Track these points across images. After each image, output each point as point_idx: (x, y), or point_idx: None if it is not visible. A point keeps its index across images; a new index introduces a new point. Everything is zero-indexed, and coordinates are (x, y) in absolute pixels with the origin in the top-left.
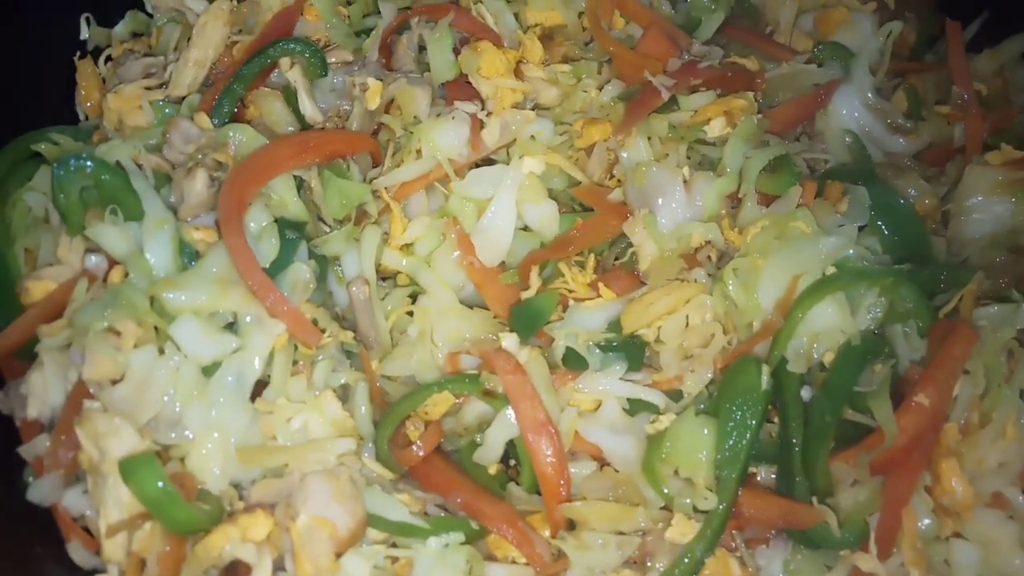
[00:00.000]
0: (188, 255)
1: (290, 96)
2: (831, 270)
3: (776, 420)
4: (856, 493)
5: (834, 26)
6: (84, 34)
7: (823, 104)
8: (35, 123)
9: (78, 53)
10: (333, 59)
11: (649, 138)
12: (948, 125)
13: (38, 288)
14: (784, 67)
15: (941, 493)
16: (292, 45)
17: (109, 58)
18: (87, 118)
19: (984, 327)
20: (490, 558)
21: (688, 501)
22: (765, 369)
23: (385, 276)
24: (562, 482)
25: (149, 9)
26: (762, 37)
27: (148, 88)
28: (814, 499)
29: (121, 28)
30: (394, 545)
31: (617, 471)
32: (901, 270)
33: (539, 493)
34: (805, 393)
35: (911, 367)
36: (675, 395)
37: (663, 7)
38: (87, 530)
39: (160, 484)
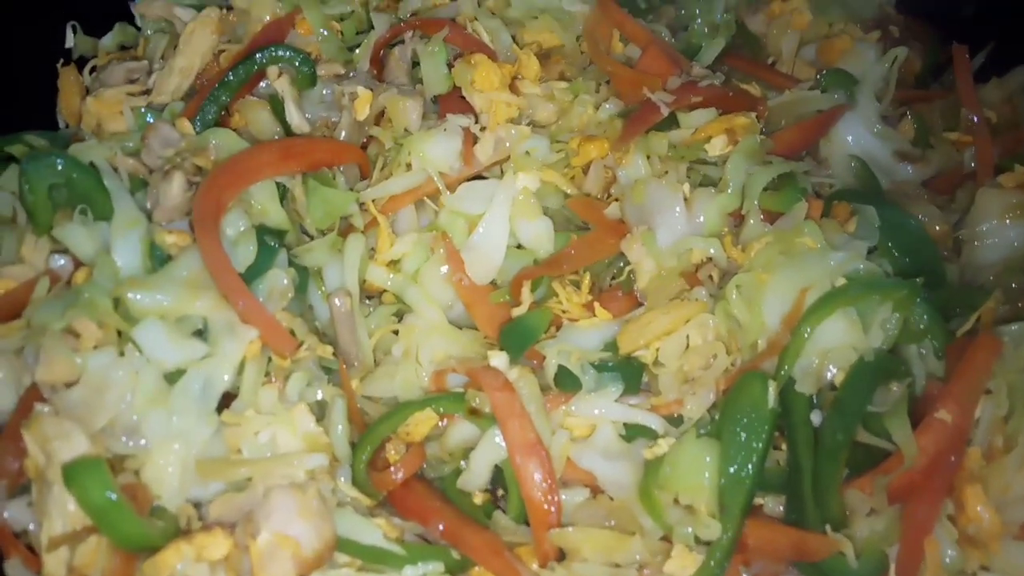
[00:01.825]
0: (160, 260)
1: (277, 106)
2: (841, 282)
3: (784, 447)
4: (873, 523)
5: (837, 54)
6: (69, 42)
7: (827, 128)
8: (14, 130)
9: (61, 61)
10: (323, 71)
11: (648, 157)
12: (957, 152)
13: None
14: (787, 94)
15: (966, 522)
16: (281, 52)
17: (94, 68)
18: (68, 126)
19: (1007, 343)
20: None
21: (689, 530)
22: (772, 384)
23: (370, 295)
24: (552, 508)
25: (138, 21)
26: (764, 67)
27: (131, 94)
28: (827, 527)
29: (108, 40)
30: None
31: (612, 499)
32: (915, 283)
33: (527, 523)
34: (815, 418)
35: (929, 384)
36: (675, 421)
37: (662, 34)
38: (30, 548)
39: (107, 493)
